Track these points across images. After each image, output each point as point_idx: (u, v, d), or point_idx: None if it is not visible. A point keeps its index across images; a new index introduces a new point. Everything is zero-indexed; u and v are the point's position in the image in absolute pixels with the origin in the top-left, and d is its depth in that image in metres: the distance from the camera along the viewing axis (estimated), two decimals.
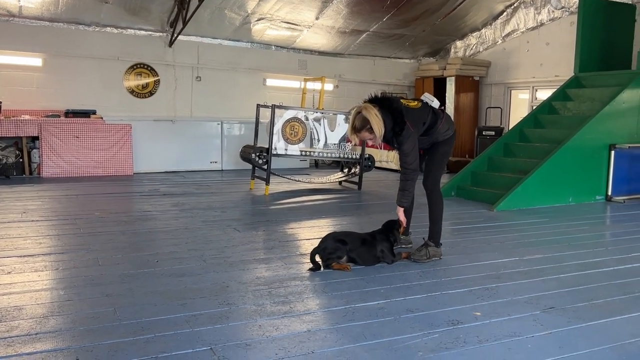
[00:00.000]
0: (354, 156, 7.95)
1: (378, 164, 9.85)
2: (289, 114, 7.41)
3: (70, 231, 4.88)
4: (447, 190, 7.24)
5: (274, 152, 7.26)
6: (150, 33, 9.49)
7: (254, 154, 7.22)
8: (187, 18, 8.64)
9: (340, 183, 8.33)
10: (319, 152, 7.75)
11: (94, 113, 8.95)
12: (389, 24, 10.21)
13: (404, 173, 3.96)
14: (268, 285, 3.45)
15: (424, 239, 4.22)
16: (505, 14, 10.53)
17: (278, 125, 7.29)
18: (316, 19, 9.75)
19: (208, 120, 9.94)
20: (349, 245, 3.85)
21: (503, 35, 10.76)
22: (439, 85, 11.29)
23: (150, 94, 9.71)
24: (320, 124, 7.68)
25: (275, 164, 7.58)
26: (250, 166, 7.71)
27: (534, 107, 8.95)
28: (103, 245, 4.40)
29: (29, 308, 2.98)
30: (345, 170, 8.44)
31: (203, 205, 6.36)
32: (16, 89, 8.69)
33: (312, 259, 3.82)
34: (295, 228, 5.37)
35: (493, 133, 10.29)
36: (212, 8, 8.95)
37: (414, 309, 3.10)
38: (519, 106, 10.91)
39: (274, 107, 7.19)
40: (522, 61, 10.55)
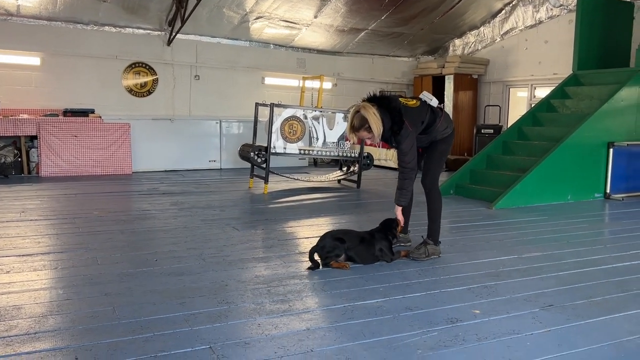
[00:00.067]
0: (353, 154, 7.95)
1: (377, 162, 9.86)
2: (287, 113, 7.41)
3: (69, 230, 4.88)
4: (446, 188, 7.25)
5: (273, 151, 7.27)
6: (148, 32, 9.48)
7: (252, 153, 7.22)
8: (186, 17, 8.63)
9: (339, 181, 8.33)
10: (318, 151, 7.74)
11: (93, 112, 8.94)
12: (387, 22, 10.21)
13: (402, 172, 3.95)
14: (267, 284, 3.46)
15: (422, 237, 4.22)
16: (503, 12, 10.54)
17: (277, 124, 7.29)
18: (315, 17, 9.75)
19: (207, 119, 9.95)
20: (347, 243, 3.85)
21: (502, 33, 10.76)
22: (438, 84, 11.29)
23: (149, 92, 9.71)
24: (319, 123, 7.68)
25: (274, 162, 7.58)
26: (249, 165, 7.71)
27: (533, 105, 8.95)
28: (102, 244, 4.39)
29: (28, 307, 2.98)
30: (344, 168, 8.45)
31: (202, 204, 6.36)
32: (14, 88, 8.68)
33: (311, 258, 3.82)
34: (294, 227, 5.37)
35: (492, 131, 10.29)
36: (211, 7, 8.95)
37: (413, 307, 3.10)
38: (518, 104, 10.92)
39: (272, 106, 7.19)
40: (521, 59, 10.56)
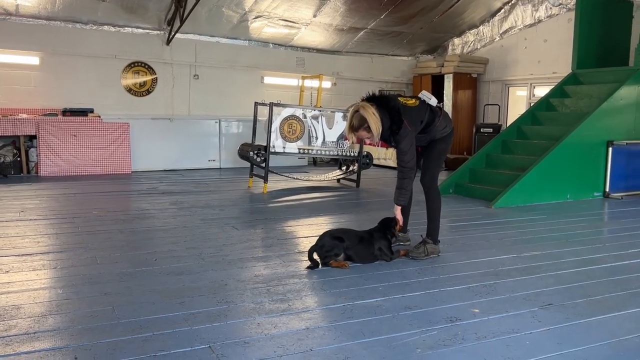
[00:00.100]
0: (352, 154, 7.95)
1: (376, 162, 9.86)
2: (286, 112, 7.40)
3: (68, 230, 4.88)
4: (445, 187, 7.25)
5: (272, 150, 7.26)
6: (147, 31, 9.47)
7: (252, 152, 7.22)
8: (185, 16, 8.62)
9: (338, 181, 8.33)
10: (317, 150, 7.74)
11: (92, 112, 8.93)
12: (386, 21, 10.20)
13: (402, 171, 3.95)
14: (266, 283, 3.46)
15: (422, 236, 4.22)
16: (502, 11, 10.54)
17: (276, 123, 7.28)
18: (314, 16, 9.74)
19: (206, 119, 9.94)
20: (346, 242, 3.85)
21: (501, 32, 10.76)
22: (437, 83, 11.29)
23: (148, 92, 9.70)
24: (318, 122, 7.68)
25: (273, 161, 7.59)
26: (248, 164, 7.70)
27: (532, 104, 8.95)
28: (101, 243, 4.39)
29: (27, 307, 2.98)
30: (344, 167, 8.44)
31: (201, 203, 6.36)
32: (13, 87, 8.68)
33: (310, 257, 3.82)
34: (294, 226, 5.37)
35: (491, 130, 10.29)
36: (210, 6, 8.94)
37: (412, 306, 3.10)
38: (517, 103, 10.92)
39: (271, 105, 7.18)
40: (520, 58, 10.56)
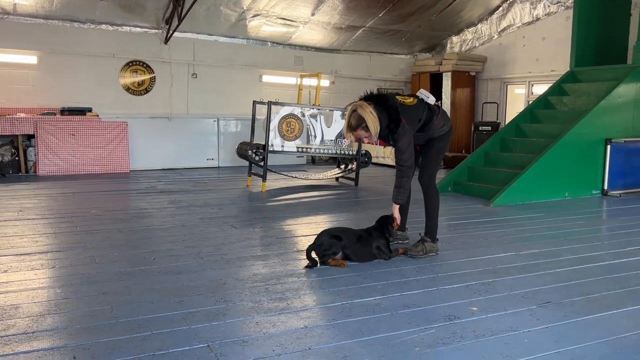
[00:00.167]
0: (351, 152, 7.95)
1: (375, 160, 9.85)
2: (285, 111, 7.40)
3: (67, 229, 4.88)
4: (444, 185, 7.25)
5: (271, 149, 7.26)
6: (145, 30, 9.45)
7: (250, 151, 7.21)
8: (183, 15, 8.61)
9: (337, 179, 8.33)
10: (316, 149, 7.74)
11: (90, 111, 8.92)
12: (384, 19, 10.20)
13: (400, 170, 3.95)
14: (265, 282, 3.46)
15: (420, 235, 4.23)
16: (501, 8, 10.53)
17: (274, 122, 7.28)
18: (312, 15, 9.73)
19: (204, 117, 9.93)
20: (345, 241, 3.85)
21: (499, 30, 10.76)
22: (435, 81, 11.30)
23: (146, 91, 9.69)
24: (316, 121, 7.67)
25: (271, 160, 7.58)
26: (246, 163, 7.70)
27: (530, 102, 8.96)
28: (100, 243, 4.39)
29: (26, 306, 2.98)
30: (342, 166, 8.44)
31: (200, 202, 6.36)
32: (11, 87, 8.66)
33: (309, 256, 3.83)
34: (292, 225, 5.37)
35: (489, 128, 10.29)
36: (208, 4, 8.93)
37: (410, 304, 3.11)
38: (515, 101, 10.93)
39: (270, 104, 7.18)
40: (518, 56, 10.56)
